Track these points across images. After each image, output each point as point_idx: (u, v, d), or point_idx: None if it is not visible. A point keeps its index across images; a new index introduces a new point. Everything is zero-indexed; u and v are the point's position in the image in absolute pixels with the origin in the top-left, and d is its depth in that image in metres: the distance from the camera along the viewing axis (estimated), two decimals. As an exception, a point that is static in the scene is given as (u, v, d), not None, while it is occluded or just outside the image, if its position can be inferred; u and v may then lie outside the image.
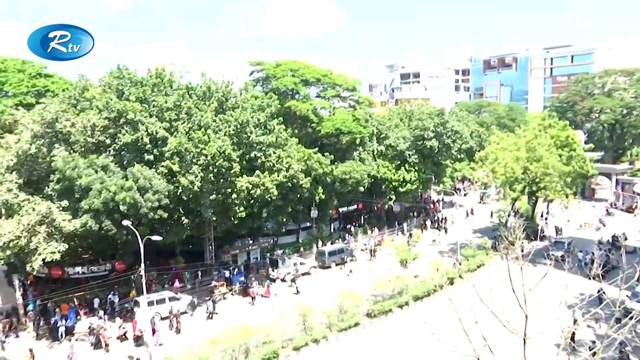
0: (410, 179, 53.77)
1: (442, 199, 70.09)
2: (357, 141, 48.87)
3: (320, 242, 47.44)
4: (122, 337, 29.00)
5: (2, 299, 32.26)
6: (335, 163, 46.19)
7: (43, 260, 28.28)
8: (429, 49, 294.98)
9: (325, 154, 44.74)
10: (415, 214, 61.11)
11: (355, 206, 56.42)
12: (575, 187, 48.36)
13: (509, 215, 48.33)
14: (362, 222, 57.02)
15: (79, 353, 26.54)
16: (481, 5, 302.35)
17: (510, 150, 44.90)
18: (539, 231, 44.15)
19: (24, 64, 57.46)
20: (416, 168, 54.58)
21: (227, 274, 38.74)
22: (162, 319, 30.72)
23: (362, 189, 48.91)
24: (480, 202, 71.70)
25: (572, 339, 24.74)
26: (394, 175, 53.27)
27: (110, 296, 33.18)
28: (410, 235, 50.74)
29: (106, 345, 27.80)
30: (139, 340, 27.99)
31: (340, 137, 47.52)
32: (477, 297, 13.41)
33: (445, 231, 53.61)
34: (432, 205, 66.81)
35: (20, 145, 31.20)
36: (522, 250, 19.80)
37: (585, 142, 58.09)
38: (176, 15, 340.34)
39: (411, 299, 33.19)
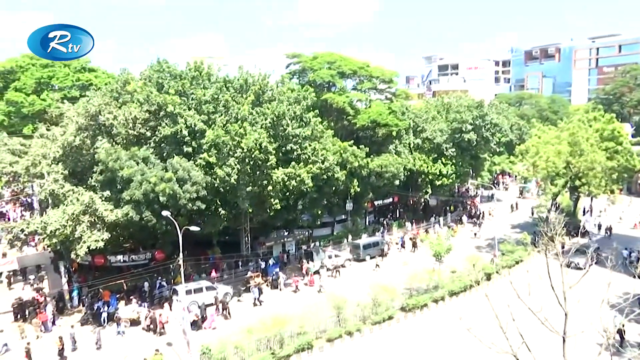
0: (447, 172, 52.95)
1: (480, 193, 68.72)
2: (394, 134, 48.41)
3: (354, 235, 47.39)
4: (159, 325, 29.84)
5: (49, 284, 33.73)
6: (371, 156, 45.93)
7: (87, 248, 29.39)
8: (468, 39, 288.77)
9: (361, 146, 44.54)
10: (451, 208, 60.15)
11: (390, 199, 56.04)
12: (621, 183, 46.47)
13: (549, 211, 46.96)
14: (397, 215, 56.59)
15: (105, 338, 27.72)
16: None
17: (552, 143, 43.56)
18: (580, 228, 42.74)
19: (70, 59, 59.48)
20: (453, 161, 53.68)
21: (262, 265, 39.28)
22: (207, 305, 31.38)
23: (397, 182, 48.48)
24: (519, 197, 69.94)
25: (622, 337, 23.94)
26: (431, 168, 52.53)
27: (158, 282, 34.33)
28: (449, 228, 50.04)
29: (162, 328, 28.89)
30: (164, 328, 28.75)
31: (376, 129, 47.22)
32: (514, 294, 13.11)
33: (480, 226, 52.58)
34: (469, 200, 65.60)
35: (66, 138, 32.36)
36: (563, 247, 19.19)
37: (633, 136, 55.71)
38: (213, 8, 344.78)
39: (447, 294, 32.79)
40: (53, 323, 30.15)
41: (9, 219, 52.22)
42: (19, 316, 31.24)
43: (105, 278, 33.30)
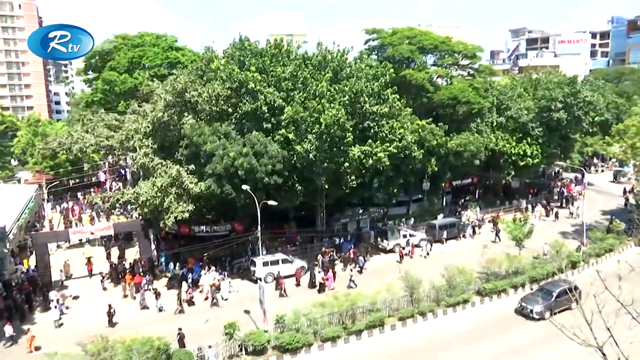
0: (532, 153, 50.04)
1: (573, 177, 64.48)
2: (475, 112, 46.44)
3: (431, 215, 46.54)
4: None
5: (140, 250, 36.44)
6: (451, 134, 44.52)
7: (174, 218, 31.33)
8: (561, 10, 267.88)
9: (440, 124, 43.26)
10: (535, 190, 57.06)
11: (469, 180, 54.19)
12: None
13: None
14: (477, 196, 54.69)
15: (150, 300, 29.89)
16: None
17: (656, 123, 39.79)
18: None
19: (158, 39, 62.64)
20: (539, 142, 50.59)
21: (337, 241, 39.77)
22: (285, 277, 32.49)
23: (478, 162, 46.68)
24: (613, 182, 64.92)
25: None
26: (514, 149, 49.90)
27: (267, 246, 36.71)
28: (532, 211, 47.69)
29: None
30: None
31: (456, 107, 45.52)
32: (601, 284, 12.26)
33: (570, 211, 49.51)
34: (556, 182, 61.85)
35: (155, 114, 34.28)
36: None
37: None
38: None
39: (527, 281, 31.46)
40: (150, 284, 32.61)
41: (105, 189, 56.71)
42: (114, 278, 34.19)
43: (190, 247, 35.41)
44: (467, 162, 45.88)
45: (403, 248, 38.61)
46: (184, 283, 32.21)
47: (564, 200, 53.67)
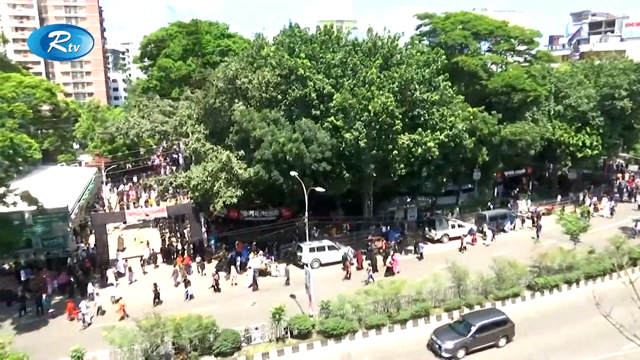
0: (592, 143, 47.65)
1: (637, 169, 60.94)
2: (531, 100, 44.64)
3: (481, 206, 45.39)
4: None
5: (191, 232, 37.66)
6: (504, 123, 43.06)
7: (223, 202, 32.12)
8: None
9: (493, 112, 41.90)
10: (594, 183, 54.42)
11: (523, 170, 52.36)
12: None
13: None
14: (530, 188, 52.79)
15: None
16: None
17: None
18: None
19: (211, 26, 63.85)
20: (600, 132, 48.08)
21: (383, 229, 39.58)
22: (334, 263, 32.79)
23: (532, 152, 45.01)
24: (682, 175, 60.95)
25: None
26: (572, 139, 47.67)
27: (315, 231, 37.82)
28: (589, 204, 45.61)
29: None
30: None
31: (511, 95, 43.89)
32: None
33: (638, 204, 46.91)
34: (616, 175, 58.72)
35: (207, 100, 35.09)
36: None
37: None
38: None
39: (582, 276, 30.20)
40: (201, 267, 33.74)
41: (159, 173, 58.78)
42: (166, 258, 35.55)
43: (238, 231, 36.26)
44: (521, 152, 44.36)
45: (465, 236, 38.18)
46: (235, 265, 33.09)
47: (628, 194, 50.93)
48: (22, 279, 30.92)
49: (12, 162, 27.18)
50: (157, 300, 28.75)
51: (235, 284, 31.69)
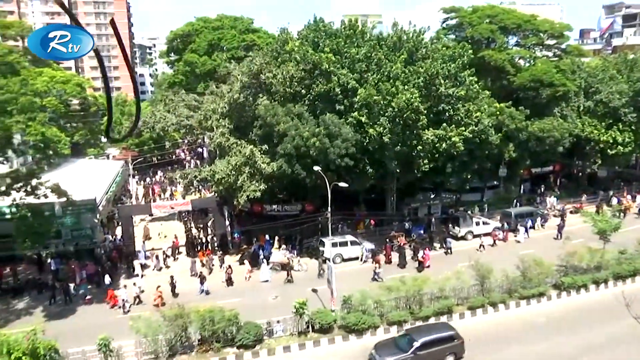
0: (624, 140, 46.31)
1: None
2: (560, 95, 43.62)
3: (507, 203, 44.67)
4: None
5: (215, 225, 38.11)
6: (532, 119, 42.20)
7: (247, 196, 32.38)
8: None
9: (521, 108, 41.11)
10: (625, 181, 52.92)
11: (551, 167, 51.29)
12: None
13: None
14: (558, 185, 51.69)
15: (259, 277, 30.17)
16: None
17: None
18: None
19: (236, 21, 64.20)
20: (633, 128, 46.68)
21: (406, 225, 39.32)
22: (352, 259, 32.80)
23: (560, 149, 44.03)
24: None
25: None
26: (603, 135, 46.42)
27: (341, 226, 38.08)
28: (619, 203, 44.40)
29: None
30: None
31: (539, 90, 42.95)
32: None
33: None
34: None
35: (232, 95, 35.34)
36: None
37: None
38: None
39: (611, 277, 29.47)
40: (222, 261, 34.15)
41: (184, 166, 59.63)
42: (190, 251, 36.06)
43: (261, 225, 36.52)
44: (549, 149, 43.43)
45: (497, 233, 37.87)
46: (258, 258, 33.37)
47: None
48: (52, 268, 31.82)
49: (44, 155, 27.97)
50: (174, 292, 29.15)
51: (249, 277, 31.85)
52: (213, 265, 33.24)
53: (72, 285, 29.62)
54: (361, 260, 33.93)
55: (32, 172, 29.18)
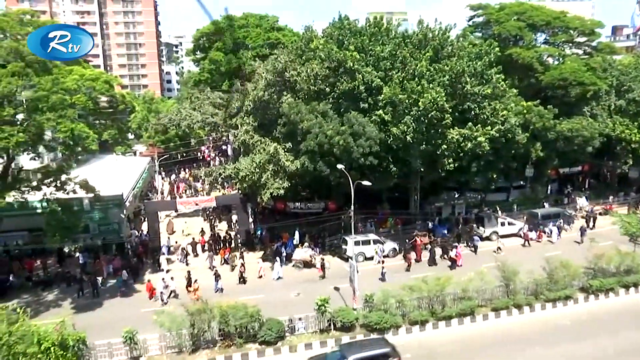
0: (657, 140, 44.99)
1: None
2: (590, 94, 42.56)
3: (533, 203, 43.84)
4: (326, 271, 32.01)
5: (238, 222, 38.45)
6: (560, 118, 41.30)
7: (270, 194, 32.56)
8: None
9: (549, 107, 40.26)
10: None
11: (579, 168, 50.10)
12: None
13: None
14: (587, 186, 50.47)
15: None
16: None
17: None
18: None
19: (261, 19, 64.48)
20: (666, 127, 45.32)
21: (430, 225, 38.97)
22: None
23: (590, 149, 42.98)
24: None
25: None
26: (635, 135, 45.16)
27: (368, 224, 38.16)
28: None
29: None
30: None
31: (568, 88, 41.97)
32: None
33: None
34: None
35: (256, 92, 35.54)
36: None
37: None
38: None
39: (641, 280, 28.68)
40: (241, 258, 34.42)
41: (209, 163, 60.32)
42: (213, 247, 36.45)
43: (285, 222, 36.69)
44: (577, 149, 42.47)
45: (530, 231, 37.52)
46: (280, 255, 33.56)
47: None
48: (80, 262, 32.60)
49: (72, 152, 28.67)
50: (189, 287, 29.44)
51: (261, 276, 31.92)
52: (235, 263, 33.46)
53: (99, 279, 30.31)
54: (378, 261, 33.18)
55: (62, 168, 29.93)
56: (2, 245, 33.04)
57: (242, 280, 30.94)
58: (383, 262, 32.20)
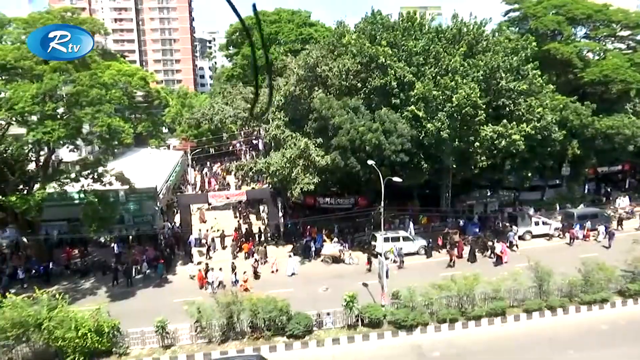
0: None
1: None
2: (633, 92, 40.97)
3: (569, 203, 42.62)
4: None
5: (268, 216, 38.79)
6: (599, 115, 39.93)
7: (301, 189, 32.70)
8: None
9: (587, 103, 38.98)
10: None
11: (619, 167, 48.42)
12: None
13: None
14: (626, 186, 48.73)
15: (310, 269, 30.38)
16: None
17: None
18: None
19: (293, 15, 64.67)
20: None
21: (461, 223, 38.41)
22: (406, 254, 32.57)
23: (632, 147, 41.42)
24: None
25: None
26: (680, 133, 43.25)
27: (407, 220, 37.82)
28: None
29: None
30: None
31: (609, 85, 40.52)
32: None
33: None
34: None
35: (288, 88, 35.71)
36: None
37: None
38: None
39: (683, 285, 27.49)
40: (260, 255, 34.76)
41: (240, 157, 61.01)
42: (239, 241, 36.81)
43: (314, 217, 36.82)
44: (618, 147, 41.00)
45: (581, 229, 36.69)
46: (309, 250, 33.73)
47: None
48: (115, 252, 33.55)
49: (109, 145, 29.51)
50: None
51: (275, 270, 32.05)
52: (262, 258, 33.66)
53: (134, 268, 31.15)
54: (392, 260, 32.73)
55: (99, 161, 30.87)
56: (44, 234, 34.30)
57: (257, 276, 31.04)
58: (396, 261, 31.88)
